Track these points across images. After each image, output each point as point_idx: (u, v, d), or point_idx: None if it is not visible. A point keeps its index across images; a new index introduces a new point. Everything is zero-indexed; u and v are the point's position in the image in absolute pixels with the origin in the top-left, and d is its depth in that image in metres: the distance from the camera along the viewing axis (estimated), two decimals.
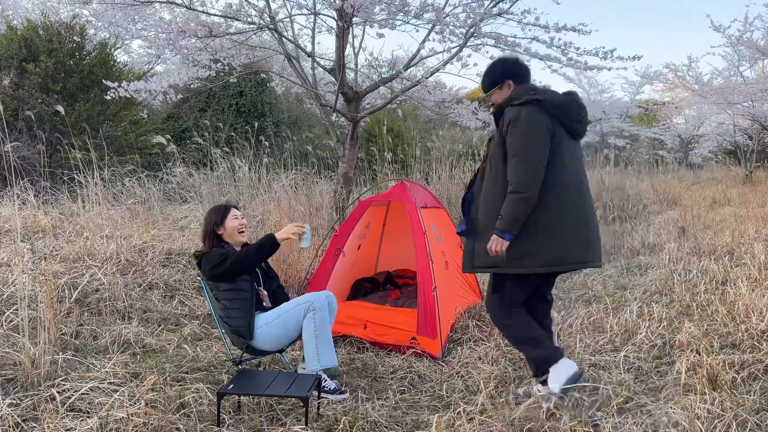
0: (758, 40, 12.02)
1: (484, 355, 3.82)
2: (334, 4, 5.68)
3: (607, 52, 6.17)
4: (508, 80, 3.02)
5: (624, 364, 3.54)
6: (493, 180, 2.92)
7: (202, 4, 5.93)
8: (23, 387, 3.06)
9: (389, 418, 3.01)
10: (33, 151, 8.27)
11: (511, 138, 2.82)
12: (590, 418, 2.80)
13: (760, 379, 3.26)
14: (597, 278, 5.80)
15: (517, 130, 2.80)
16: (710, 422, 2.69)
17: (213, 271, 3.29)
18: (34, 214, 6.33)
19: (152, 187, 7.78)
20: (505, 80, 3.03)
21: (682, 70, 15.37)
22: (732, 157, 19.82)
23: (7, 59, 9.30)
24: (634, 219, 9.14)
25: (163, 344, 3.93)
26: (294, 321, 3.30)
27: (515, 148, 2.80)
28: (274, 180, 8.36)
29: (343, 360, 3.79)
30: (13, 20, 10.90)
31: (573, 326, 4.19)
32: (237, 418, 2.95)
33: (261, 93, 13.72)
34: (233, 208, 3.52)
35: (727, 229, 7.39)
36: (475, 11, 5.86)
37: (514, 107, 2.87)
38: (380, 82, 7.06)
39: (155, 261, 5.31)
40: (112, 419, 2.71)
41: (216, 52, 7.39)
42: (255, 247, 3.34)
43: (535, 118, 2.81)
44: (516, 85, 3.01)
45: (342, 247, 4.65)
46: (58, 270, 4.72)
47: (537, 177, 2.78)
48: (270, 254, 3.38)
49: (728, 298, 4.63)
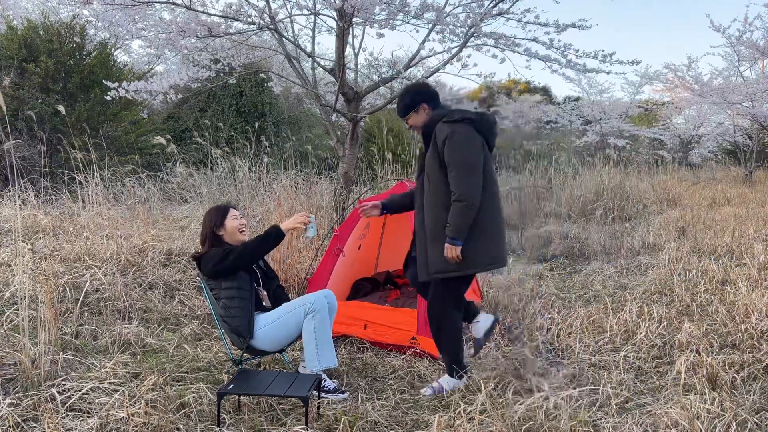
0: (758, 40, 12.03)
1: (484, 356, 3.82)
2: (334, 5, 5.68)
3: (606, 55, 6.18)
4: (423, 104, 3.32)
5: (624, 364, 3.55)
6: (433, 191, 3.17)
7: (202, 5, 5.93)
8: (23, 387, 3.06)
9: (389, 418, 3.01)
10: (33, 151, 8.27)
11: (449, 151, 3.09)
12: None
13: (760, 379, 3.26)
14: (597, 278, 5.80)
15: (456, 145, 3.09)
16: (710, 422, 2.69)
17: (216, 267, 3.27)
18: (34, 214, 6.34)
19: (152, 187, 7.78)
20: (419, 105, 3.33)
21: (681, 70, 15.36)
22: (732, 157, 19.82)
23: (7, 59, 9.30)
24: (634, 219, 9.14)
25: (163, 344, 3.93)
26: (294, 322, 3.29)
27: (456, 161, 3.08)
28: (274, 180, 8.37)
29: (343, 360, 3.79)
30: (13, 20, 10.90)
31: (573, 326, 4.19)
32: (237, 418, 2.95)
33: (261, 93, 13.72)
34: (232, 208, 3.51)
35: (727, 229, 7.39)
36: (475, 11, 5.85)
37: (447, 124, 3.15)
38: (380, 82, 7.06)
39: (155, 261, 5.31)
40: (112, 419, 2.71)
41: (216, 52, 7.38)
42: (260, 238, 3.35)
43: (470, 135, 3.14)
44: (430, 108, 3.32)
45: (342, 247, 4.65)
46: (59, 270, 4.73)
47: (478, 186, 3.10)
48: (275, 245, 3.38)
49: (728, 298, 4.63)
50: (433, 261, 3.19)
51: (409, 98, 3.36)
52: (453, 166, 3.09)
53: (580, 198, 9.53)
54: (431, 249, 3.19)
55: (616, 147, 16.99)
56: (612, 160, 12.30)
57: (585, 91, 20.83)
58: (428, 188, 3.20)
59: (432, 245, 3.18)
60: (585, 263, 6.59)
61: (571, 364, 3.64)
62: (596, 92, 20.74)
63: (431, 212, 3.19)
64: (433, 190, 3.18)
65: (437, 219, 3.16)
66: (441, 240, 3.13)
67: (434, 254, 3.17)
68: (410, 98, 3.36)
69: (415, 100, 3.34)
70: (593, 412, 2.93)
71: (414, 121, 3.34)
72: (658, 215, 9.47)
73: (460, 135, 3.10)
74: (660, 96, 20.72)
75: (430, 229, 3.19)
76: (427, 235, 3.21)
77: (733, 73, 15.14)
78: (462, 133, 3.11)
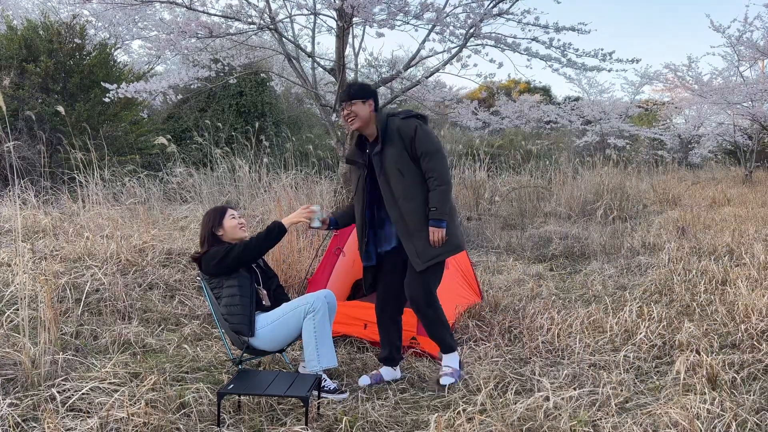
0: (758, 40, 12.03)
1: (484, 355, 3.83)
2: (334, 4, 5.69)
3: (606, 54, 6.18)
4: (371, 99, 3.40)
5: (624, 364, 3.55)
6: (411, 184, 3.27)
7: (202, 5, 5.94)
8: (23, 387, 3.06)
9: (389, 418, 3.01)
10: (33, 151, 8.27)
11: (422, 142, 3.25)
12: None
13: (760, 379, 3.26)
14: (597, 278, 5.80)
15: (426, 135, 3.27)
16: (710, 422, 2.69)
17: (219, 264, 3.28)
18: (34, 214, 6.34)
19: (152, 187, 7.79)
20: (370, 98, 3.40)
21: (681, 70, 15.35)
22: (732, 157, 19.82)
23: (7, 59, 9.30)
24: (634, 219, 9.14)
25: (163, 344, 3.93)
26: (294, 322, 3.30)
27: (431, 149, 3.25)
28: (274, 180, 8.37)
29: (343, 360, 3.79)
30: (13, 20, 10.89)
31: (573, 326, 4.19)
32: (237, 418, 2.95)
33: (261, 93, 13.72)
34: (230, 208, 3.52)
35: (727, 229, 7.39)
36: (475, 11, 5.86)
37: (406, 120, 3.32)
38: (380, 82, 7.06)
39: (155, 261, 5.31)
40: (112, 419, 2.71)
41: (216, 52, 7.40)
42: (262, 234, 3.36)
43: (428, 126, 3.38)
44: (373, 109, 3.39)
45: (342, 247, 4.65)
46: (59, 270, 4.73)
47: (448, 170, 3.33)
48: (277, 240, 3.40)
49: (728, 298, 4.63)
50: (422, 249, 3.27)
51: (367, 89, 3.44)
52: (429, 155, 3.24)
53: (580, 198, 9.52)
54: (417, 239, 3.27)
55: (616, 147, 16.99)
56: (612, 160, 12.30)
57: (585, 91, 20.86)
58: (404, 182, 3.26)
59: (418, 234, 3.27)
60: (585, 263, 6.59)
61: (571, 364, 3.64)
62: (596, 92, 20.77)
63: (413, 203, 3.26)
64: (411, 183, 3.27)
65: (420, 208, 3.26)
66: (425, 228, 3.25)
67: (421, 243, 3.27)
68: (367, 89, 3.44)
69: (367, 91, 3.41)
70: (593, 412, 2.93)
71: (357, 110, 3.35)
72: (658, 215, 9.47)
73: (423, 126, 3.29)
74: (660, 96, 20.73)
75: (413, 219, 3.27)
76: (409, 227, 3.28)
77: (733, 73, 15.13)
78: (424, 125, 3.32)
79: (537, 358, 3.77)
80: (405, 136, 3.26)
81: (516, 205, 9.62)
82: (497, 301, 4.88)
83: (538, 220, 9.20)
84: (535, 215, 9.44)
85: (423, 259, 3.27)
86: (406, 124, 3.29)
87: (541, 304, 4.76)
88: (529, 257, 6.98)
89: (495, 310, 4.70)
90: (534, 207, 9.75)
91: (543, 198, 10.07)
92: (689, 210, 9.39)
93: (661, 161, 18.25)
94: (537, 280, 5.79)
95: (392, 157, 3.28)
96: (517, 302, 4.95)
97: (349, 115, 3.37)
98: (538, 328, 4.22)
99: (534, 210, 9.65)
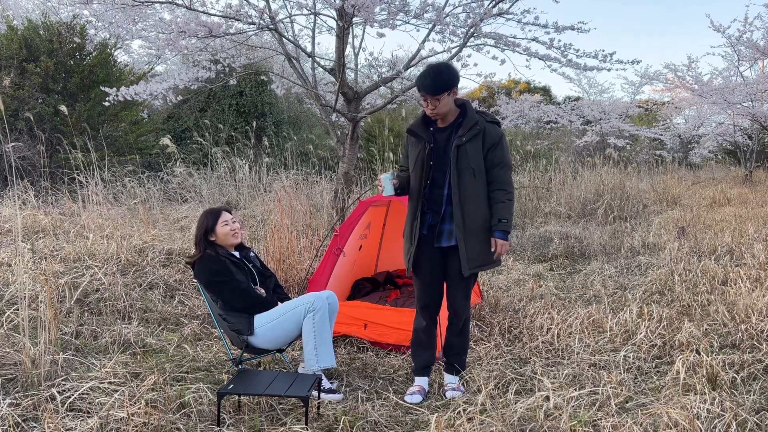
0: (758, 40, 11.99)
1: (484, 355, 3.83)
2: (334, 4, 5.69)
3: (606, 55, 6.18)
4: (455, 88, 3.13)
5: (624, 364, 3.55)
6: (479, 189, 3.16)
7: (202, 5, 5.93)
8: (23, 387, 3.06)
9: (389, 418, 3.01)
10: (33, 152, 8.27)
11: (501, 152, 3.18)
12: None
13: (760, 379, 3.26)
14: (597, 278, 5.80)
15: (506, 146, 3.22)
16: (710, 422, 2.69)
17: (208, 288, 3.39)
18: (34, 214, 6.34)
19: (152, 187, 7.79)
20: (455, 86, 3.13)
21: (681, 70, 15.31)
22: (732, 157, 19.80)
23: (7, 59, 9.29)
24: (634, 219, 9.13)
25: (163, 344, 3.93)
26: (294, 321, 3.30)
27: (506, 161, 3.20)
28: (274, 180, 8.37)
29: (343, 360, 3.79)
30: (14, 20, 10.89)
31: (573, 326, 4.19)
32: (237, 418, 2.95)
33: (261, 93, 13.71)
34: (224, 212, 3.52)
35: (727, 229, 7.39)
36: (475, 11, 5.86)
37: (490, 123, 3.20)
38: (380, 82, 7.05)
39: (155, 261, 5.31)
40: (112, 419, 2.71)
41: (216, 52, 7.38)
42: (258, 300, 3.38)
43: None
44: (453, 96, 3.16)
45: (342, 247, 4.65)
46: (59, 270, 4.73)
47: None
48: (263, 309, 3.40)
49: (728, 298, 4.63)
50: (473, 256, 3.16)
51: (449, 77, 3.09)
52: (506, 167, 3.20)
53: (580, 198, 9.52)
54: (471, 243, 3.15)
55: (616, 147, 16.97)
56: (612, 160, 12.29)
57: (585, 91, 20.85)
58: (474, 184, 3.15)
59: (472, 239, 3.15)
60: (585, 263, 6.59)
61: (571, 364, 3.64)
62: (596, 92, 20.76)
63: (477, 207, 3.16)
64: (480, 187, 3.16)
65: (482, 213, 3.16)
66: (479, 235, 3.15)
67: (474, 249, 3.15)
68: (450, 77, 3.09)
69: (454, 80, 3.11)
70: (593, 412, 2.93)
71: (444, 103, 3.09)
72: (658, 215, 9.46)
73: (503, 136, 3.22)
74: (660, 96, 20.72)
75: (474, 224, 3.15)
76: (469, 230, 3.15)
77: (733, 73, 15.11)
78: (504, 135, 3.23)
79: (537, 358, 3.77)
80: (489, 139, 3.15)
81: (516, 205, 9.61)
82: (497, 301, 4.88)
83: (538, 220, 9.20)
84: (535, 215, 9.44)
85: (471, 265, 3.17)
86: (494, 129, 3.19)
87: (541, 304, 4.76)
88: (529, 257, 6.98)
89: (495, 310, 4.70)
90: (534, 207, 9.74)
91: (543, 198, 10.06)
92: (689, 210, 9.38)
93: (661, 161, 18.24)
94: (537, 280, 5.79)
95: (471, 156, 3.14)
96: (517, 302, 4.95)
97: (434, 109, 3.12)
98: (538, 328, 4.22)
99: (534, 210, 9.65)
